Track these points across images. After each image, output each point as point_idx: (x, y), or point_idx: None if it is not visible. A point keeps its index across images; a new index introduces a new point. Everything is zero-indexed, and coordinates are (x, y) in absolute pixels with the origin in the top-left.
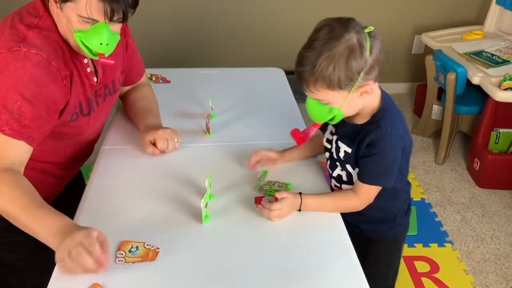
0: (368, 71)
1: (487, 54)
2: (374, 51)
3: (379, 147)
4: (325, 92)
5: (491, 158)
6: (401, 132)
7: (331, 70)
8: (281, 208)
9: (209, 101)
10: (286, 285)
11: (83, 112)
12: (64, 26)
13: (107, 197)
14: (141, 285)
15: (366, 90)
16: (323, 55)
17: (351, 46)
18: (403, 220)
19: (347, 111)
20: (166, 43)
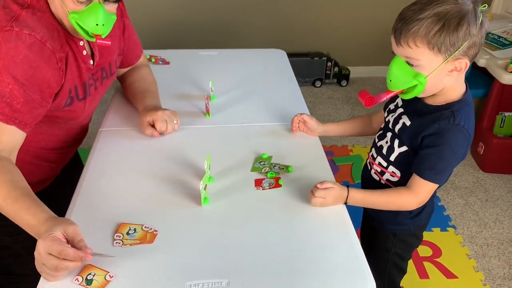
0: (471, 45)
1: (494, 36)
2: (483, 28)
3: (447, 138)
4: (423, 50)
5: (496, 142)
6: (471, 132)
7: (439, 28)
8: (324, 197)
9: (209, 82)
10: (285, 266)
11: (79, 96)
12: (57, 7)
13: (105, 179)
14: (139, 268)
15: (459, 67)
16: (434, 10)
17: (466, 11)
18: (406, 221)
19: (430, 85)
20: (165, 24)
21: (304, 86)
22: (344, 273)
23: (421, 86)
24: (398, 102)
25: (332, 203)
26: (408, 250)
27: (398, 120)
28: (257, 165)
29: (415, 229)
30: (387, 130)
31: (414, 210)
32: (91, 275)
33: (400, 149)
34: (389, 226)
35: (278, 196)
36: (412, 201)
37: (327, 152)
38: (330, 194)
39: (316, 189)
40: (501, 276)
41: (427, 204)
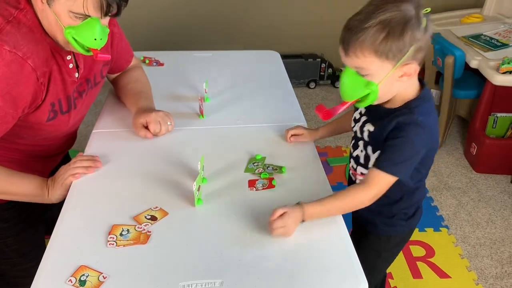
0: (417, 49)
1: (486, 37)
2: (427, 31)
3: (407, 131)
4: (371, 59)
5: (488, 143)
6: (432, 127)
7: (384, 35)
8: (284, 225)
9: (203, 83)
10: (278, 267)
11: (62, 110)
12: (51, 22)
13: (98, 181)
14: (132, 269)
15: (409, 71)
16: (378, 18)
17: (410, 16)
18: (401, 223)
19: (382, 92)
20: (159, 26)
21: (298, 88)
22: (337, 272)
23: (374, 94)
24: (361, 111)
25: (295, 226)
26: (396, 253)
27: (363, 128)
28: (250, 166)
29: (407, 232)
30: (358, 140)
31: (409, 212)
32: (84, 276)
33: (375, 155)
34: (384, 228)
35: (272, 197)
36: (366, 195)
37: (321, 153)
38: (288, 221)
39: (271, 222)
40: (494, 275)
41: (419, 206)
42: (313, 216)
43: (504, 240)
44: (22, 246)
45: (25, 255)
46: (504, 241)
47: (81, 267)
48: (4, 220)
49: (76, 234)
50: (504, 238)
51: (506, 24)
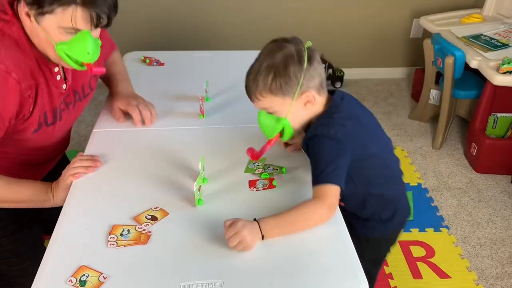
0: (308, 78)
1: (486, 37)
2: (313, 62)
3: (312, 146)
4: (270, 98)
5: (488, 143)
6: (338, 135)
7: (272, 76)
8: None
9: (203, 83)
10: (278, 267)
11: (47, 122)
12: (41, 39)
13: (98, 181)
14: (133, 269)
15: (309, 99)
16: (264, 64)
17: (290, 54)
18: (378, 226)
19: (294, 122)
20: (160, 26)
21: None
22: (337, 273)
23: (288, 127)
24: None
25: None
26: (381, 254)
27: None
28: (251, 166)
29: (389, 234)
30: None
31: (384, 216)
32: (84, 276)
33: None
34: (361, 231)
35: (272, 197)
36: (321, 208)
37: None
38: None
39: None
40: (494, 275)
41: (400, 208)
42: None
43: (504, 240)
44: (17, 246)
45: (20, 255)
46: (505, 241)
47: (82, 267)
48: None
49: (76, 234)
50: (505, 238)
51: (506, 24)
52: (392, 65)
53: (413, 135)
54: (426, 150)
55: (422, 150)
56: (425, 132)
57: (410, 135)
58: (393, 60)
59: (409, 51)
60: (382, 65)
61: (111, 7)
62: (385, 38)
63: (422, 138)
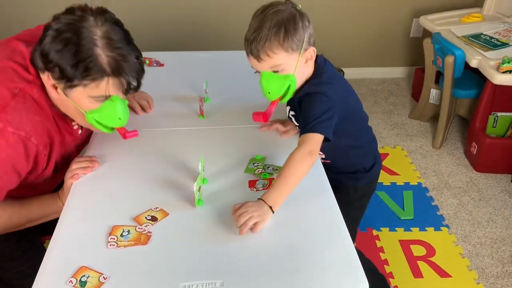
0: (310, 35)
1: (486, 37)
2: (310, 21)
3: (305, 102)
4: (281, 55)
5: (488, 142)
6: (329, 93)
7: (284, 32)
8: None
9: (203, 84)
10: (278, 266)
11: (58, 169)
12: (70, 108)
13: (98, 182)
14: (133, 270)
15: (310, 55)
16: (273, 21)
17: (294, 13)
18: (363, 175)
19: (298, 79)
20: (159, 26)
21: None
22: (337, 272)
23: (293, 84)
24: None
25: (257, 211)
26: (365, 202)
27: (292, 119)
28: (250, 166)
29: (370, 182)
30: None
31: (367, 165)
32: (85, 277)
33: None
34: (349, 181)
35: None
36: (302, 155)
37: None
38: (247, 205)
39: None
40: (494, 275)
41: (377, 155)
42: (275, 199)
43: (504, 239)
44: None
45: (17, 259)
46: (505, 240)
47: (82, 268)
48: None
49: (76, 235)
50: (505, 237)
51: (506, 23)
52: (392, 64)
53: (413, 134)
54: (426, 149)
55: (422, 149)
56: (425, 132)
57: (410, 135)
58: (393, 60)
59: (409, 50)
60: (382, 65)
61: (139, 70)
62: (385, 37)
63: (422, 137)
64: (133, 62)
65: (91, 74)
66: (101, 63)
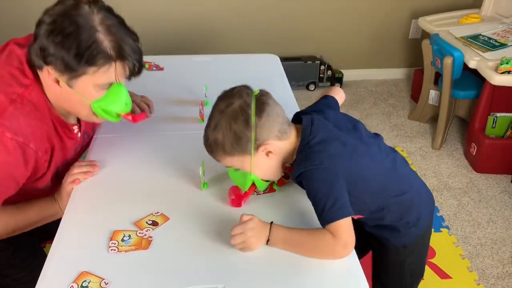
0: (261, 131)
1: (484, 37)
2: (263, 112)
3: (304, 183)
4: (228, 159)
5: (488, 143)
6: (320, 164)
7: (221, 138)
8: (242, 231)
9: (203, 87)
10: (280, 271)
11: (59, 176)
12: (74, 102)
13: (99, 186)
14: (134, 274)
15: (269, 150)
16: (211, 126)
17: (233, 113)
18: (409, 231)
19: (263, 174)
20: (159, 30)
21: (298, 90)
22: (338, 274)
23: (257, 180)
24: None
25: (254, 238)
26: (422, 253)
27: None
28: None
29: (424, 232)
30: None
31: (411, 217)
32: (86, 282)
33: None
34: (394, 240)
35: (272, 200)
36: (335, 245)
37: None
38: (248, 227)
39: (233, 228)
40: (495, 275)
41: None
42: (279, 239)
43: (505, 240)
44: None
45: (15, 267)
46: (505, 241)
47: (83, 273)
48: None
49: (77, 240)
50: (505, 238)
51: (504, 24)
52: (391, 66)
53: (413, 135)
54: (426, 150)
55: (422, 150)
56: (424, 133)
57: (410, 136)
58: (392, 61)
59: (408, 51)
60: (381, 66)
61: (140, 52)
62: (384, 39)
63: (422, 138)
64: (133, 45)
65: (98, 61)
66: (106, 48)
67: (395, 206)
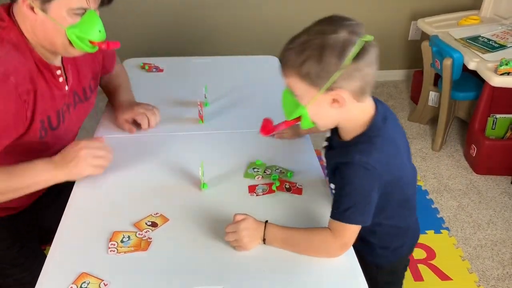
0: (345, 77)
1: (484, 39)
2: (361, 60)
3: (346, 173)
4: (295, 80)
5: (488, 144)
6: (375, 165)
7: (304, 58)
8: (235, 230)
9: (203, 89)
10: (279, 272)
11: (52, 125)
12: (49, 29)
13: (98, 187)
14: (133, 276)
15: (337, 99)
16: (302, 42)
17: (334, 41)
18: (385, 254)
19: (315, 117)
20: (159, 32)
21: None
22: (337, 275)
23: (306, 116)
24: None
25: (248, 238)
26: (397, 275)
27: (324, 156)
28: (250, 171)
29: (398, 260)
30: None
31: (393, 245)
32: (85, 283)
33: (332, 186)
34: (369, 258)
35: (272, 202)
36: (333, 243)
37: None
38: (240, 227)
39: (227, 226)
40: (495, 277)
41: (407, 237)
42: (276, 238)
43: (505, 241)
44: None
45: (18, 267)
46: (505, 242)
47: (82, 274)
48: None
49: (77, 241)
50: (505, 239)
51: (504, 25)
52: (390, 67)
53: (413, 137)
54: (425, 152)
55: (422, 152)
56: (424, 134)
57: (410, 137)
58: (391, 63)
59: (407, 53)
60: (381, 68)
61: None
62: (384, 40)
63: (422, 140)
64: None
65: None
66: None
67: (390, 229)
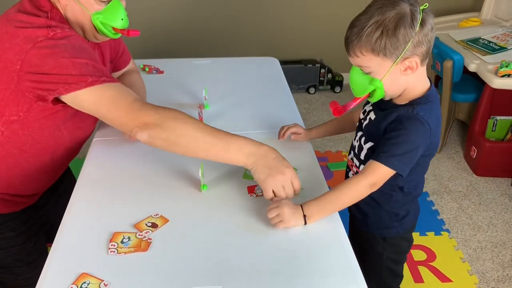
0: (416, 44)
1: (484, 41)
2: (425, 26)
3: (406, 125)
4: (370, 57)
5: (488, 146)
6: (432, 125)
7: (379, 34)
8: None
9: (203, 91)
10: (278, 272)
11: None
12: (77, 14)
13: (99, 189)
14: (133, 276)
15: (411, 65)
16: (373, 19)
17: (403, 13)
18: (393, 224)
19: (388, 87)
20: (159, 33)
21: (298, 93)
22: (337, 276)
23: (380, 90)
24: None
25: (290, 212)
26: (400, 253)
27: (366, 117)
28: (249, 172)
29: (404, 232)
30: (358, 130)
31: (400, 213)
32: (85, 284)
33: (367, 145)
34: (377, 230)
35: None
36: (361, 184)
37: (321, 157)
38: (283, 201)
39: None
40: (495, 279)
41: (412, 207)
42: (313, 210)
43: (505, 243)
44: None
45: (30, 264)
46: (506, 244)
47: (82, 275)
48: (11, 230)
49: (77, 241)
50: (506, 241)
51: (504, 27)
52: None
53: None
54: None
55: None
56: None
57: None
58: None
59: None
60: None
61: None
62: None
63: None
64: None
65: None
66: None
67: (405, 195)
